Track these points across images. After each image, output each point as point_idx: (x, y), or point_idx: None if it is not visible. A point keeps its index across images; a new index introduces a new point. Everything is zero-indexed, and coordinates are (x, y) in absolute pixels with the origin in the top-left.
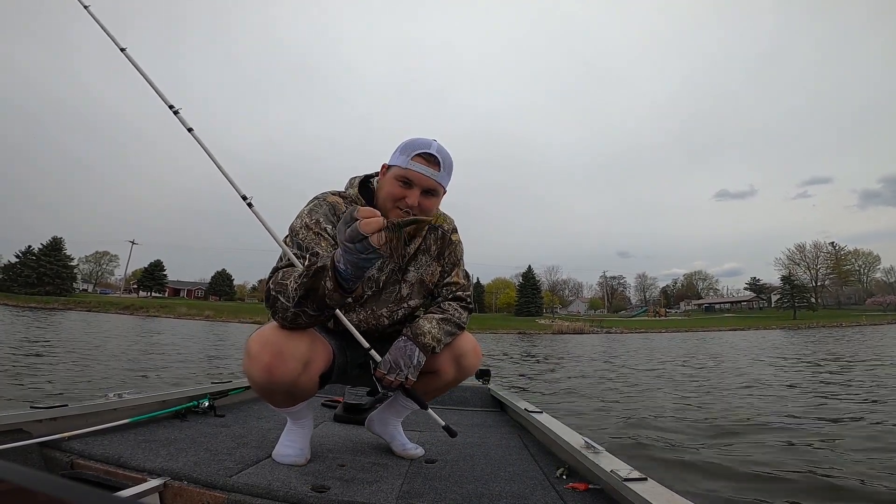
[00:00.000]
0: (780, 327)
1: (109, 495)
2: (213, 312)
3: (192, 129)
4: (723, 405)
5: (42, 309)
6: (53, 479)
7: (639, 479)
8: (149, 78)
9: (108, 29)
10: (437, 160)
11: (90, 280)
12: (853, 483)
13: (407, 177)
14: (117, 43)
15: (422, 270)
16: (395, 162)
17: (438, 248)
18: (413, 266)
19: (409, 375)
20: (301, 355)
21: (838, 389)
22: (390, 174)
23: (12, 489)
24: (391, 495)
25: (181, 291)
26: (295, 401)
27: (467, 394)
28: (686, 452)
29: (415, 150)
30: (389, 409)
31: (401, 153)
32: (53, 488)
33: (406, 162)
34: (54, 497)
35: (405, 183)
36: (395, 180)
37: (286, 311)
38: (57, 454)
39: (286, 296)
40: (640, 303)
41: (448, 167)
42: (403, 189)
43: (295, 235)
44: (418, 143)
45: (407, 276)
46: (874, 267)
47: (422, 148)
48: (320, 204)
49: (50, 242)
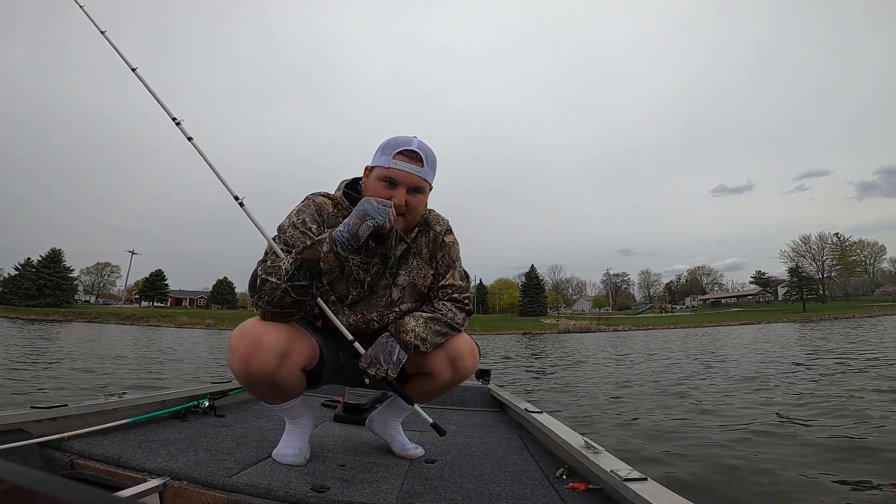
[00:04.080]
0: (791, 320)
1: (109, 495)
2: (214, 321)
3: (192, 139)
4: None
5: (42, 321)
6: (53, 479)
7: (639, 479)
8: (157, 95)
9: (120, 50)
10: (419, 156)
11: (92, 291)
12: (862, 483)
13: (391, 176)
14: (129, 64)
15: (413, 274)
16: (377, 163)
17: (430, 251)
18: (404, 269)
19: (388, 371)
20: (278, 347)
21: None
22: (374, 175)
23: (12, 489)
24: (391, 495)
25: (183, 301)
26: (282, 397)
27: (467, 394)
28: (686, 452)
29: (396, 148)
30: (389, 409)
31: (382, 153)
32: (53, 488)
33: (388, 161)
34: (54, 497)
35: (390, 183)
36: (380, 181)
37: (274, 291)
38: (57, 454)
39: (278, 275)
40: (645, 300)
41: (431, 162)
42: (389, 189)
43: (283, 233)
44: (399, 141)
45: (398, 279)
46: (880, 257)
47: (403, 145)
48: (308, 204)
49: (49, 254)
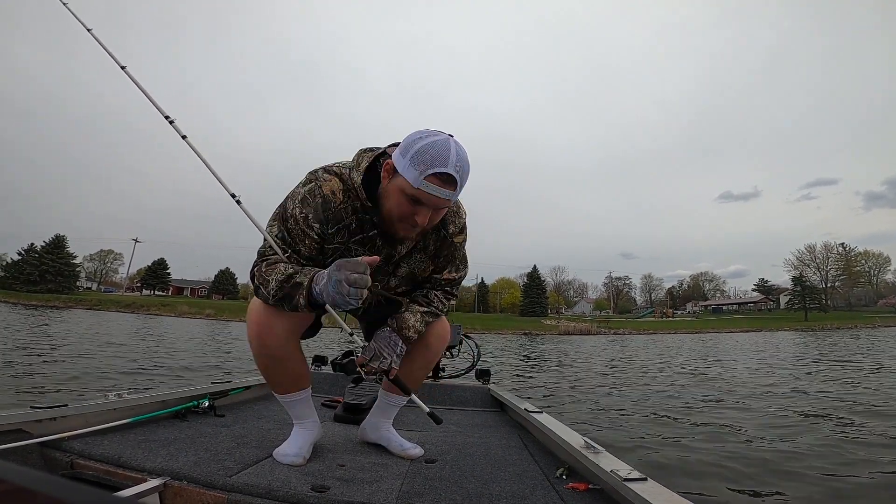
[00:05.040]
0: (793, 329)
1: (109, 495)
2: (214, 311)
3: (185, 137)
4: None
5: (43, 307)
6: (53, 479)
7: (639, 479)
8: (147, 93)
9: (108, 48)
10: (454, 181)
11: (95, 279)
12: (862, 485)
13: (418, 197)
14: (118, 62)
15: (414, 266)
16: (404, 173)
17: (436, 249)
18: (406, 262)
19: (392, 364)
20: (290, 325)
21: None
22: (397, 185)
23: (12, 489)
24: (391, 495)
25: (185, 290)
26: (288, 373)
27: (467, 394)
28: (686, 452)
29: (430, 167)
30: (377, 412)
31: (412, 164)
32: (53, 488)
33: (418, 180)
34: (54, 497)
35: (415, 201)
36: (404, 195)
37: (267, 300)
38: (57, 454)
39: (267, 289)
40: (646, 304)
41: (464, 182)
42: (413, 206)
43: (284, 222)
44: (434, 158)
45: (398, 270)
46: (884, 268)
47: (438, 166)
48: (314, 195)
49: (52, 240)
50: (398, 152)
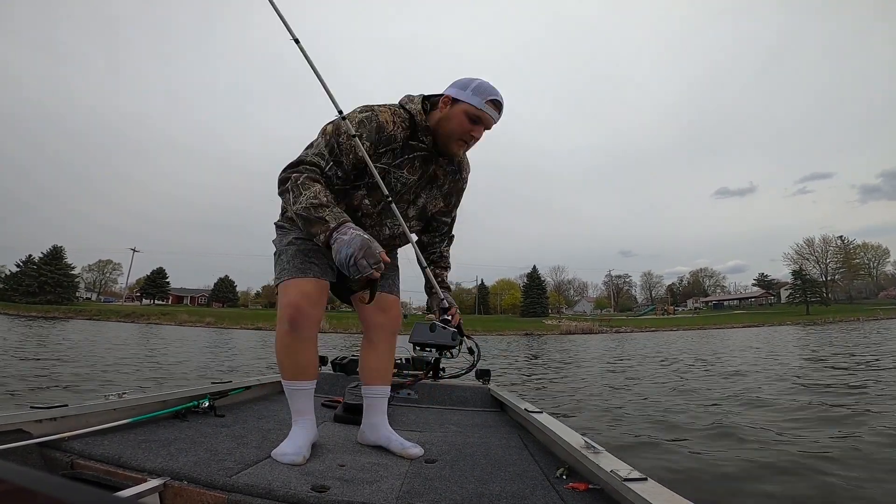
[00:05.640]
0: (795, 323)
1: (109, 495)
2: (215, 319)
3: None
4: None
5: (42, 318)
6: (53, 479)
7: (639, 479)
8: (318, 72)
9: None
10: (502, 107)
11: (94, 289)
12: (863, 486)
13: (480, 117)
14: (293, 34)
15: (428, 199)
16: (467, 100)
17: (449, 189)
18: (424, 193)
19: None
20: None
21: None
22: (461, 109)
23: (12, 489)
24: (391, 495)
25: (184, 298)
26: (308, 357)
27: (467, 394)
28: (687, 452)
29: (488, 94)
30: (369, 413)
31: (473, 93)
32: (53, 488)
33: (481, 104)
34: (54, 497)
35: (475, 120)
36: (467, 116)
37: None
38: (57, 454)
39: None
40: (647, 301)
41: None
42: (472, 125)
43: (336, 135)
44: (489, 89)
45: (418, 200)
46: (883, 260)
47: (493, 95)
48: (371, 119)
49: (50, 251)
50: (456, 88)
